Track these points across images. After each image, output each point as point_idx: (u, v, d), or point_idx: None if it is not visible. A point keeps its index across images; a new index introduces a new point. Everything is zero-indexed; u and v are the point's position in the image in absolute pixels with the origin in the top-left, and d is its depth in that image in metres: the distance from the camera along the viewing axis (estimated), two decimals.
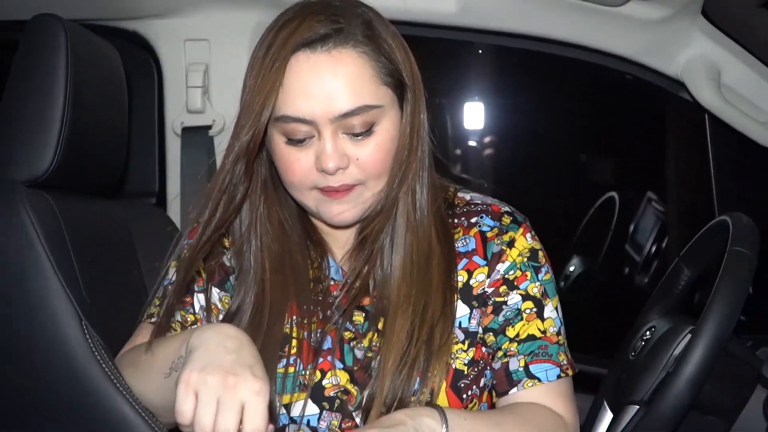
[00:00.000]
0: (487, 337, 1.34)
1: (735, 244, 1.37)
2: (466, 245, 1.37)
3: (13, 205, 1.27)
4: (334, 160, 1.22)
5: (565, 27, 1.98)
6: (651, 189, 3.79)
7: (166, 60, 2.03)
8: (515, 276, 1.34)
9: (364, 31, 1.24)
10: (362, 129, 1.23)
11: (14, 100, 1.36)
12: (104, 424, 1.25)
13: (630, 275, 3.61)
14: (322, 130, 1.22)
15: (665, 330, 1.51)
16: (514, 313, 1.33)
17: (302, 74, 1.20)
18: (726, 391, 1.37)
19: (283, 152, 1.26)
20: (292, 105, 1.21)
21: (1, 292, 1.28)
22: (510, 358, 1.32)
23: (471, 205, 1.42)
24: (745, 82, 1.95)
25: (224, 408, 1.00)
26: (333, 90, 1.20)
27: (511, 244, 1.36)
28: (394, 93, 1.27)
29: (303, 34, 1.20)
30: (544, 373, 1.30)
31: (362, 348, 1.33)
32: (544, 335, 1.32)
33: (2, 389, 1.29)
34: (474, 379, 1.33)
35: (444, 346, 1.29)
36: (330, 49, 1.21)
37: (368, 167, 1.26)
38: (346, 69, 1.21)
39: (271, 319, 1.32)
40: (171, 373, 1.17)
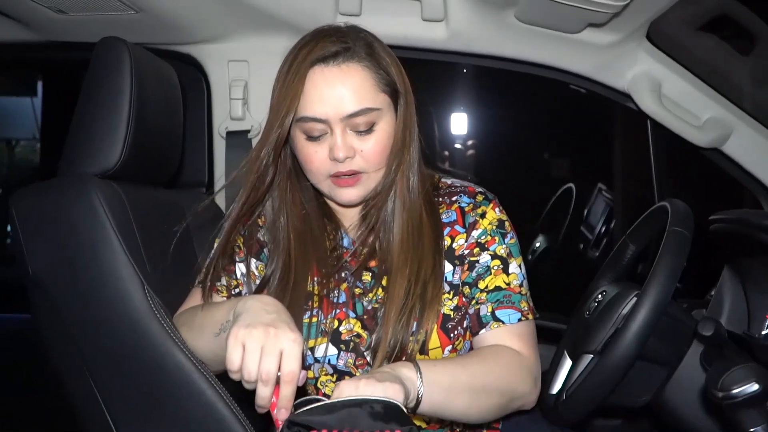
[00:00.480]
0: (464, 289, 1.36)
1: (673, 224, 1.34)
2: (449, 217, 1.40)
3: (87, 193, 1.26)
4: (343, 151, 1.27)
5: (532, 50, 1.96)
6: (602, 181, 3.79)
7: (214, 77, 2.02)
8: (485, 240, 1.37)
9: (366, 50, 1.30)
10: (365, 127, 1.29)
11: (87, 109, 1.35)
12: (162, 370, 1.24)
13: (584, 250, 3.60)
14: (333, 128, 1.27)
15: (614, 294, 1.49)
16: (484, 269, 1.35)
17: (318, 84, 1.26)
18: (667, 344, 1.35)
19: (303, 147, 1.31)
20: (311, 108, 1.26)
21: (79, 264, 1.27)
22: (480, 305, 1.34)
23: (452, 187, 1.45)
24: (681, 93, 1.94)
25: (266, 354, 1.04)
26: (342, 95, 1.26)
27: (483, 215, 1.39)
28: (390, 99, 1.31)
29: (318, 52, 1.26)
30: (507, 317, 1.33)
31: (370, 300, 1.35)
32: (509, 287, 1.35)
33: (80, 342, 1.28)
34: (458, 321, 1.35)
35: (435, 298, 1.32)
36: (340, 63, 1.27)
37: (370, 158, 1.30)
38: (353, 79, 1.26)
39: (297, 280, 1.35)
40: (220, 333, 1.20)
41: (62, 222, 1.27)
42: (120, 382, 1.28)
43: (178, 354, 1.24)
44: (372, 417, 0.99)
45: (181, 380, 1.23)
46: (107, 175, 1.33)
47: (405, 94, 1.33)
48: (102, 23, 1.78)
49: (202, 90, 2.06)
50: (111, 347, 1.26)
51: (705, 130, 1.92)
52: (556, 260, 3.53)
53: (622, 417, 1.97)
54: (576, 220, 3.62)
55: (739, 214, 1.37)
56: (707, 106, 1.93)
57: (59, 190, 1.29)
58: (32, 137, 6.35)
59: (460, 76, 4.11)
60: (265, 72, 1.96)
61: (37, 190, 1.31)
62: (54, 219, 1.27)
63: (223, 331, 1.19)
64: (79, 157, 1.33)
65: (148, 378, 1.26)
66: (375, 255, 1.37)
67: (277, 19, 1.86)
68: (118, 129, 1.32)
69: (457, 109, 4.28)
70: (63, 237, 1.27)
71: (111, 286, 1.25)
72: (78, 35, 1.89)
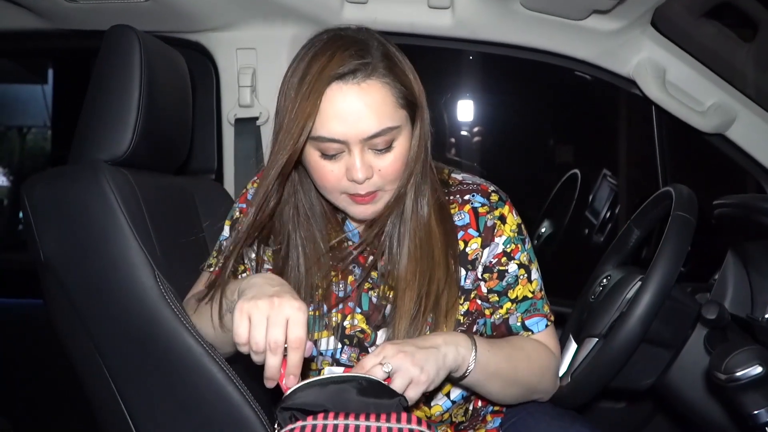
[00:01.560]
0: (491, 296, 1.35)
1: (677, 209, 1.34)
2: (461, 219, 1.35)
3: (97, 180, 1.26)
4: (362, 172, 1.20)
5: (538, 37, 1.95)
6: (606, 167, 3.78)
7: (222, 65, 2.01)
8: (511, 249, 1.34)
9: (385, 63, 1.20)
10: (384, 146, 1.21)
11: (97, 97, 1.34)
12: (172, 353, 1.25)
13: (589, 235, 3.59)
14: (352, 148, 1.20)
15: (619, 278, 1.50)
16: (514, 278, 1.34)
17: (336, 102, 1.17)
18: (671, 327, 1.35)
19: (317, 164, 1.23)
20: (327, 128, 1.18)
21: (90, 250, 1.27)
22: (510, 315, 1.34)
23: (463, 184, 1.40)
24: (686, 79, 1.92)
25: (272, 324, 1.04)
26: (362, 115, 1.17)
27: (503, 219, 1.35)
28: (407, 113, 1.24)
29: (335, 69, 1.16)
30: (536, 326, 1.35)
31: (377, 295, 1.33)
32: (533, 294, 1.35)
33: (91, 327, 1.28)
34: (468, 326, 1.33)
35: (452, 309, 1.30)
36: (359, 81, 1.17)
37: (387, 175, 1.24)
38: (373, 98, 1.18)
39: (306, 272, 1.32)
40: (226, 313, 1.19)
41: (73, 208, 1.27)
42: (131, 366, 1.28)
43: (188, 338, 1.24)
44: (360, 392, 1.01)
45: (191, 363, 1.24)
46: (117, 162, 1.32)
47: (421, 107, 1.27)
48: (112, 11, 1.79)
49: (211, 78, 2.05)
50: (122, 332, 1.27)
51: (709, 115, 1.92)
52: (561, 245, 3.52)
53: (627, 400, 1.97)
54: (581, 205, 3.61)
55: (742, 199, 1.37)
56: (711, 92, 1.92)
57: (70, 176, 1.29)
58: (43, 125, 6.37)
59: (466, 63, 4.09)
60: (273, 59, 1.96)
61: (49, 176, 1.31)
62: (65, 205, 1.27)
63: (229, 311, 1.19)
64: (90, 145, 1.33)
65: (158, 362, 1.26)
66: (383, 255, 1.33)
67: (285, 7, 1.86)
68: (128, 116, 1.31)
69: (462, 96, 4.26)
70: (74, 223, 1.27)
71: (122, 272, 1.25)
72: (88, 23, 1.88)
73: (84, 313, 1.28)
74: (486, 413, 1.46)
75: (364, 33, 1.25)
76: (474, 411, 1.43)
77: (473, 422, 1.44)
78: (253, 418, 1.24)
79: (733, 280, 1.47)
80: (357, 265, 1.36)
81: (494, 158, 4.34)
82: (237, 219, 1.42)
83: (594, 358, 1.35)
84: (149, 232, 1.32)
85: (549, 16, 1.85)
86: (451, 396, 1.36)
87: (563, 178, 3.63)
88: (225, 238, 1.42)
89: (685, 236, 1.31)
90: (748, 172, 2.00)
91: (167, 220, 1.42)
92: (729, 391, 1.07)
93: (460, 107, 4.29)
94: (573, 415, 1.45)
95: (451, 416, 1.39)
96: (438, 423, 1.39)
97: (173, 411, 1.28)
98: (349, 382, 1.03)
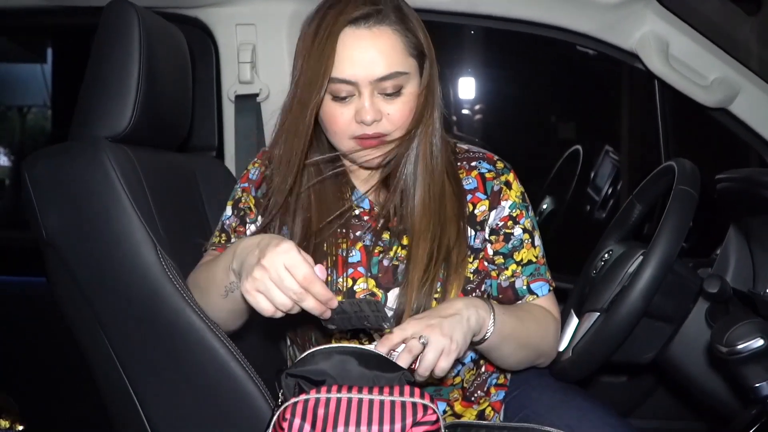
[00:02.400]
0: (496, 258, 1.38)
1: (680, 183, 1.34)
2: (469, 184, 1.40)
3: (98, 156, 1.26)
4: (371, 114, 1.25)
5: (540, 10, 1.94)
6: (609, 142, 3.77)
7: (222, 41, 2.00)
8: (516, 213, 1.38)
9: (396, 13, 1.26)
10: (393, 90, 1.26)
11: (96, 73, 1.34)
12: (175, 329, 1.25)
13: (591, 210, 3.59)
14: (362, 90, 1.25)
15: (621, 253, 1.50)
16: (519, 241, 1.38)
17: (349, 45, 1.23)
18: (672, 301, 1.36)
19: (329, 106, 1.28)
20: (340, 69, 1.23)
21: (91, 226, 1.27)
22: (516, 278, 1.38)
23: (469, 152, 1.45)
24: (689, 53, 1.92)
25: (279, 282, 1.05)
26: (373, 58, 1.23)
27: (509, 185, 1.39)
28: (417, 63, 1.29)
29: (350, 14, 1.22)
30: (540, 290, 1.39)
31: (389, 258, 1.35)
32: (537, 259, 1.39)
33: (94, 303, 1.29)
34: (477, 284, 1.37)
35: (461, 264, 1.33)
36: (371, 26, 1.23)
37: (396, 120, 1.27)
38: (384, 42, 1.24)
39: (317, 239, 1.34)
40: (227, 294, 1.21)
41: (75, 185, 1.27)
42: (134, 342, 1.29)
43: (191, 314, 1.24)
44: (362, 364, 1.03)
45: (194, 340, 1.24)
46: (118, 138, 1.32)
47: (430, 58, 1.31)
48: None
49: (211, 54, 2.05)
50: (125, 308, 1.27)
51: (712, 90, 1.91)
52: (563, 221, 3.52)
53: (628, 374, 1.98)
54: (583, 181, 3.60)
55: (745, 173, 1.36)
56: (714, 66, 1.91)
57: (71, 153, 1.29)
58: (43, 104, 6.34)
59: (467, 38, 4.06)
60: (273, 35, 1.95)
61: (49, 153, 1.31)
62: (66, 182, 1.27)
63: (230, 291, 1.20)
64: (90, 121, 1.32)
65: (162, 338, 1.26)
66: (395, 215, 1.36)
67: None
68: (128, 92, 1.31)
69: (464, 72, 4.24)
70: (76, 200, 1.27)
71: (124, 248, 1.25)
72: (86, 0, 1.87)
73: (87, 289, 1.28)
74: (491, 384, 1.47)
75: None
76: (482, 376, 1.45)
77: (480, 389, 1.45)
78: (256, 393, 1.25)
79: (735, 255, 1.47)
80: (367, 231, 1.38)
81: (496, 134, 4.32)
82: (238, 199, 1.43)
83: (595, 333, 1.35)
84: (151, 209, 1.32)
85: None
86: (462, 358, 1.37)
87: (565, 154, 3.62)
88: (227, 218, 1.43)
89: (688, 211, 1.30)
90: (751, 146, 2.00)
91: (169, 196, 1.42)
92: (730, 364, 1.07)
93: (460, 83, 4.26)
94: (575, 389, 1.47)
95: (462, 380, 1.41)
96: (449, 387, 1.40)
97: (177, 386, 1.29)
98: (353, 353, 1.04)
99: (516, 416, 1.46)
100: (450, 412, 1.42)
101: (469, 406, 1.43)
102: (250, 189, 1.43)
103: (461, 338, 1.14)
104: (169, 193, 1.44)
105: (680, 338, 1.38)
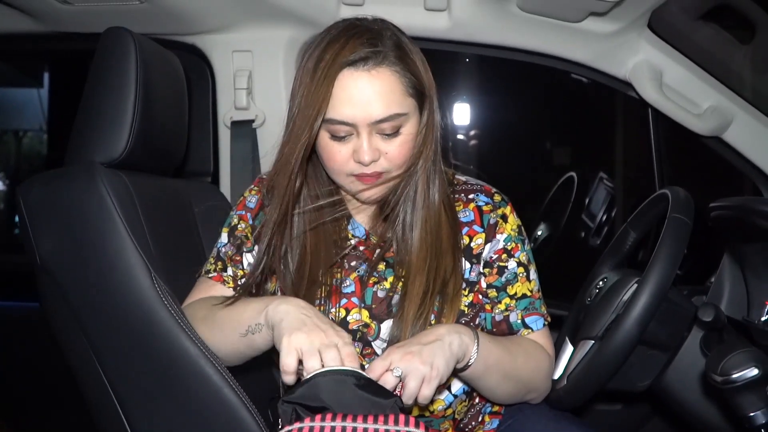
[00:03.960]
0: (489, 291, 1.38)
1: (674, 211, 1.34)
2: (466, 216, 1.40)
3: (93, 181, 1.26)
4: (369, 155, 1.25)
5: (535, 39, 1.95)
6: (603, 169, 3.78)
7: (218, 67, 2.01)
8: (511, 247, 1.38)
9: (396, 52, 1.25)
10: (391, 131, 1.26)
11: (93, 99, 1.35)
12: (168, 355, 1.25)
13: (586, 237, 3.59)
14: (360, 131, 1.25)
15: (615, 280, 1.50)
16: (513, 275, 1.37)
17: (347, 87, 1.22)
18: (667, 329, 1.35)
19: (327, 145, 1.28)
20: (339, 111, 1.23)
21: (86, 251, 1.27)
22: (510, 312, 1.36)
23: (467, 184, 1.45)
24: (683, 82, 1.93)
25: (325, 350, 1.08)
26: (371, 101, 1.23)
27: (505, 218, 1.39)
28: (416, 102, 1.28)
29: (347, 55, 1.22)
30: (534, 324, 1.38)
31: (384, 288, 1.35)
32: (532, 293, 1.38)
33: (88, 329, 1.28)
34: (471, 318, 1.36)
35: (456, 296, 1.33)
36: (370, 68, 1.23)
37: (394, 160, 1.28)
38: (382, 84, 1.23)
39: (311, 269, 1.34)
40: (247, 334, 1.22)
41: (70, 210, 1.27)
42: (128, 368, 1.28)
43: (185, 340, 1.24)
44: (358, 388, 1.03)
45: (187, 365, 1.24)
46: (114, 164, 1.32)
47: (430, 96, 1.31)
48: (107, 13, 1.78)
49: (207, 80, 2.06)
50: (119, 333, 1.27)
51: (705, 118, 1.92)
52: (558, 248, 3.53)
53: (623, 402, 1.97)
54: (578, 208, 3.61)
55: (739, 201, 1.36)
56: (708, 95, 1.93)
57: (66, 178, 1.29)
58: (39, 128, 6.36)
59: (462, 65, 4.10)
60: (270, 62, 1.96)
61: (45, 178, 1.31)
62: (61, 207, 1.27)
63: (251, 332, 1.20)
64: (86, 147, 1.33)
65: (155, 363, 1.26)
66: (391, 247, 1.37)
67: (281, 9, 1.86)
68: (124, 118, 1.31)
69: (460, 98, 4.26)
70: (70, 225, 1.27)
71: (119, 273, 1.25)
72: (83, 26, 1.88)
73: (81, 314, 1.28)
74: (485, 413, 1.46)
75: (379, 23, 1.30)
76: (475, 407, 1.44)
77: (473, 420, 1.44)
78: (249, 420, 1.24)
79: (730, 283, 1.47)
80: (362, 261, 1.38)
81: (491, 160, 4.34)
82: (234, 226, 1.43)
83: (590, 360, 1.35)
84: (145, 234, 1.32)
85: (545, 18, 1.86)
86: (453, 389, 1.37)
87: (560, 180, 3.63)
88: (222, 245, 1.42)
89: (682, 238, 1.31)
90: (745, 174, 2.01)
91: (164, 222, 1.42)
92: (725, 393, 1.07)
93: (456, 110, 4.29)
94: (569, 417, 1.46)
95: (453, 412, 1.39)
96: (440, 419, 1.39)
97: (169, 412, 1.28)
98: (348, 376, 1.04)
99: None
100: None
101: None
102: (247, 217, 1.43)
103: (443, 364, 1.13)
104: (164, 219, 1.44)
105: (675, 366, 1.38)
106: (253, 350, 1.25)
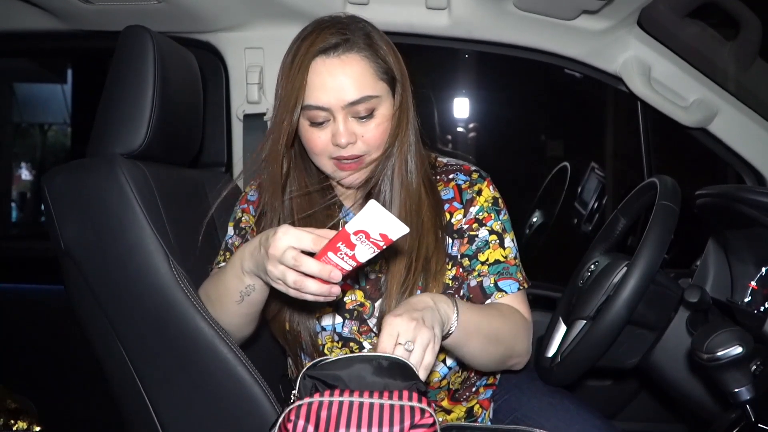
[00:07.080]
0: (463, 261, 1.36)
1: (662, 199, 1.34)
2: (447, 194, 1.40)
3: (114, 171, 1.26)
4: (345, 137, 1.26)
5: (530, 36, 1.95)
6: (595, 160, 3.77)
7: (231, 63, 2.01)
8: (483, 216, 1.37)
9: (365, 40, 1.27)
10: (365, 113, 1.27)
11: (113, 93, 1.34)
12: (185, 336, 1.25)
13: (578, 224, 3.59)
14: (336, 115, 1.25)
15: (606, 264, 1.50)
16: (484, 243, 1.35)
17: (321, 74, 1.24)
18: (655, 310, 1.36)
19: (307, 131, 1.29)
20: (314, 96, 1.24)
21: (107, 238, 1.27)
22: (483, 278, 1.34)
23: (448, 165, 1.45)
24: (670, 76, 1.93)
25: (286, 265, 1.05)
26: (343, 84, 1.24)
27: (479, 192, 1.39)
28: (388, 86, 1.29)
29: (319, 44, 1.24)
30: (508, 287, 1.34)
31: (374, 270, 1.35)
32: (506, 259, 1.35)
33: (109, 311, 1.29)
34: (456, 290, 1.36)
35: (440, 271, 1.32)
36: (340, 54, 1.24)
37: (370, 141, 1.28)
38: (353, 69, 1.24)
39: None
40: (242, 299, 1.22)
41: (91, 199, 1.27)
42: (147, 347, 1.28)
43: (201, 321, 1.24)
44: (377, 373, 1.00)
45: (203, 344, 1.24)
46: (133, 155, 1.32)
47: (402, 81, 1.31)
48: (126, 13, 1.78)
49: (221, 76, 2.05)
50: (138, 315, 1.27)
51: (692, 111, 1.91)
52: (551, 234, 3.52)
53: (613, 378, 1.98)
54: (570, 196, 3.60)
55: (723, 189, 1.36)
56: (694, 89, 1.92)
57: (88, 169, 1.29)
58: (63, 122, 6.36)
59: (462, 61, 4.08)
60: (280, 58, 1.89)
61: (68, 169, 1.30)
62: (83, 196, 1.27)
63: (245, 295, 1.21)
64: (107, 139, 1.32)
65: (173, 344, 1.26)
66: None
67: (291, 8, 1.85)
68: (142, 112, 1.31)
69: (459, 93, 4.25)
70: (92, 213, 1.27)
71: (138, 259, 1.25)
72: (104, 24, 1.88)
73: (102, 297, 1.28)
74: (480, 386, 1.46)
75: (349, 18, 1.31)
76: (470, 379, 1.44)
77: (467, 390, 1.44)
78: (262, 396, 1.24)
79: (714, 266, 1.47)
80: None
81: (488, 152, 4.33)
82: (239, 219, 1.44)
83: (582, 339, 1.35)
84: (163, 221, 1.31)
85: (541, 16, 1.85)
86: (447, 362, 1.37)
87: (554, 170, 3.63)
88: (230, 237, 1.44)
89: (669, 224, 1.31)
90: (729, 164, 2.00)
91: (180, 209, 1.42)
92: (710, 370, 1.07)
93: (456, 104, 4.27)
94: (563, 392, 1.47)
95: (449, 383, 1.40)
96: (436, 390, 1.39)
97: (187, 389, 1.28)
98: (371, 361, 1.01)
99: (507, 419, 1.46)
100: (438, 409, 1.42)
101: (458, 403, 1.43)
102: (249, 209, 1.44)
103: (438, 330, 1.10)
104: (181, 206, 1.44)
105: (662, 345, 1.38)
106: (258, 304, 1.25)
